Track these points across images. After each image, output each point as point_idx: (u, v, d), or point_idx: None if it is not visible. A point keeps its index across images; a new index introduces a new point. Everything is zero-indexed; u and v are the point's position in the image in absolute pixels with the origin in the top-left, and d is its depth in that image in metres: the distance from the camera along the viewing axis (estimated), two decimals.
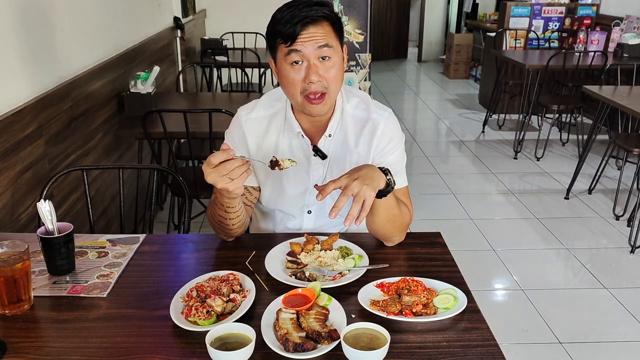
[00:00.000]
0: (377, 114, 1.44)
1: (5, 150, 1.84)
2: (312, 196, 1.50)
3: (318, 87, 1.29)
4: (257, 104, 1.47)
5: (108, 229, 2.77)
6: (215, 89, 4.61)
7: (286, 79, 1.31)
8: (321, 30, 1.27)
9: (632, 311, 2.63)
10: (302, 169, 1.45)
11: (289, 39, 1.26)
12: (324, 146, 1.44)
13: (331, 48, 1.29)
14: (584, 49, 5.09)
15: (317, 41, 1.26)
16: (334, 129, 1.43)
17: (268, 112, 1.46)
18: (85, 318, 1.14)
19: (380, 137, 1.43)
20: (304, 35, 1.26)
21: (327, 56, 1.29)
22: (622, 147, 3.48)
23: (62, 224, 1.29)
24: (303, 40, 1.26)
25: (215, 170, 1.16)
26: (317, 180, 1.47)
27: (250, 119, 1.45)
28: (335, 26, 1.31)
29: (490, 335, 1.09)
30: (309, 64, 1.28)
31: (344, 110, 1.45)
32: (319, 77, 1.28)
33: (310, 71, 1.28)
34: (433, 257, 1.39)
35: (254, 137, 1.45)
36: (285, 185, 1.48)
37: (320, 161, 1.45)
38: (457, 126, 5.81)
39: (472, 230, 3.44)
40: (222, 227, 1.38)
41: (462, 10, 9.24)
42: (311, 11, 1.25)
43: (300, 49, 1.26)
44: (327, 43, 1.28)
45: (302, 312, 1.10)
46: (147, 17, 3.78)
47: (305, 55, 1.27)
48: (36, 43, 2.14)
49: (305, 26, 1.25)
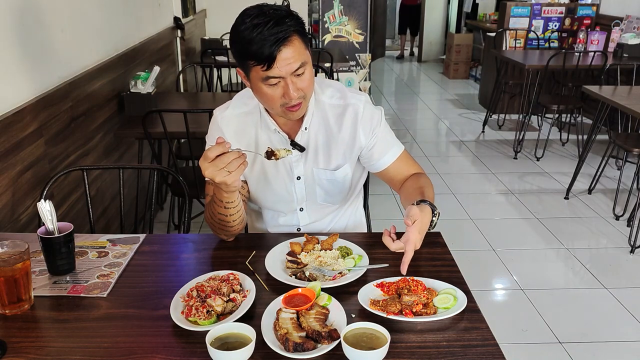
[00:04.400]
0: (355, 99, 1.48)
1: (5, 150, 1.84)
2: (300, 191, 1.53)
3: (297, 100, 1.31)
4: (230, 104, 1.51)
5: (108, 229, 2.77)
6: (215, 89, 4.60)
7: (265, 96, 1.32)
8: (294, 50, 1.25)
9: (632, 311, 2.63)
10: (286, 161, 1.49)
11: (264, 64, 1.24)
12: (301, 139, 1.47)
13: (305, 64, 1.29)
14: (584, 49, 5.09)
15: (293, 64, 1.26)
16: (309, 122, 1.46)
17: (242, 109, 1.48)
18: (86, 318, 1.14)
19: (363, 118, 1.47)
20: (280, 60, 1.24)
21: (302, 72, 1.29)
22: (622, 147, 3.48)
23: (62, 223, 1.29)
24: (280, 65, 1.25)
25: (212, 164, 1.17)
26: (299, 172, 1.50)
27: (226, 116, 1.48)
28: (304, 36, 1.29)
29: (490, 335, 1.09)
30: (286, 81, 1.28)
31: (320, 101, 1.47)
32: (297, 91, 1.30)
33: (288, 89, 1.28)
34: (433, 257, 1.39)
35: (232, 133, 1.46)
36: (269, 179, 1.51)
37: (299, 154, 1.48)
38: (457, 126, 5.81)
39: (472, 230, 3.44)
40: (223, 225, 1.38)
41: (462, 10, 9.24)
42: (281, 31, 1.22)
43: (278, 74, 1.26)
44: (302, 62, 1.27)
45: (302, 312, 1.10)
46: (147, 17, 3.78)
47: (282, 74, 1.27)
48: (36, 43, 2.14)
49: (278, 50, 1.23)
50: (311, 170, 1.50)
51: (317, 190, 1.53)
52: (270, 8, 1.26)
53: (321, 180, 1.51)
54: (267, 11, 1.25)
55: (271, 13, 1.24)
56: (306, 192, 1.53)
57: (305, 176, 1.51)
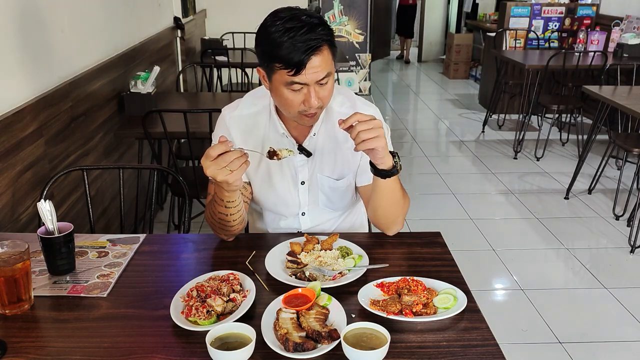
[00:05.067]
0: (363, 109, 1.46)
1: (5, 150, 1.84)
2: (303, 196, 1.51)
3: (315, 108, 1.30)
4: (240, 103, 1.49)
5: (108, 229, 2.77)
6: (215, 89, 4.60)
7: (284, 100, 1.30)
8: (323, 59, 1.25)
9: (632, 311, 2.63)
10: (291, 165, 1.48)
11: (292, 70, 1.23)
12: (309, 145, 1.47)
13: (330, 75, 1.29)
14: (583, 49, 5.09)
15: (320, 73, 1.25)
16: (318, 128, 1.46)
17: (251, 110, 1.47)
18: (86, 318, 1.14)
19: None
20: (309, 67, 1.23)
21: (326, 82, 1.29)
22: (622, 147, 3.48)
23: (62, 223, 1.29)
24: (307, 73, 1.23)
25: (214, 162, 1.17)
26: (304, 177, 1.49)
27: (234, 116, 1.47)
28: (333, 47, 1.29)
29: (490, 335, 1.09)
30: (309, 89, 1.27)
31: (330, 108, 1.46)
32: (318, 101, 1.29)
33: (310, 97, 1.27)
34: (433, 257, 1.39)
35: (239, 134, 1.46)
36: (274, 181, 1.50)
37: (305, 159, 1.48)
38: (457, 126, 5.81)
39: (472, 230, 3.44)
40: (223, 225, 1.38)
41: (462, 10, 9.24)
42: (312, 39, 1.21)
43: (304, 81, 1.25)
44: (328, 72, 1.27)
45: (302, 312, 1.10)
46: (147, 17, 3.78)
47: (307, 82, 1.26)
48: (36, 43, 2.14)
49: (309, 58, 1.22)
50: (315, 176, 1.50)
51: (320, 196, 1.53)
52: (303, 13, 1.25)
53: (324, 187, 1.51)
54: (300, 16, 1.23)
55: (304, 19, 1.23)
56: (309, 197, 1.52)
57: (310, 181, 1.50)
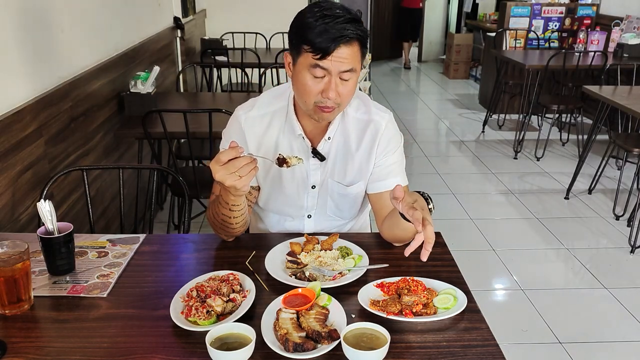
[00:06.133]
0: (378, 115, 1.46)
1: (5, 150, 1.84)
2: (311, 199, 1.51)
3: (332, 102, 1.30)
4: (256, 102, 1.47)
5: (108, 229, 2.77)
6: (215, 89, 4.61)
7: (303, 86, 1.30)
8: (351, 53, 1.25)
9: (632, 311, 2.63)
10: (302, 168, 1.47)
11: (319, 53, 1.23)
12: (323, 149, 1.45)
13: (354, 72, 1.29)
14: (584, 49, 5.09)
15: (345, 65, 1.25)
16: (334, 132, 1.44)
17: (268, 109, 1.45)
18: (85, 318, 1.14)
19: (381, 138, 1.45)
20: (335, 55, 1.23)
21: (349, 78, 1.29)
22: (622, 147, 3.48)
23: (62, 224, 1.29)
24: (333, 60, 1.24)
25: (224, 167, 1.16)
26: (315, 181, 1.48)
27: (250, 117, 1.44)
28: (363, 48, 1.29)
29: (490, 335, 1.09)
30: (330, 79, 1.27)
31: (346, 113, 1.45)
32: (336, 95, 1.28)
33: (329, 87, 1.27)
34: (433, 257, 1.37)
35: (254, 136, 1.44)
36: (284, 185, 1.49)
37: (318, 163, 1.46)
38: (457, 126, 5.81)
39: (472, 230, 3.44)
40: (225, 226, 1.38)
41: (462, 10, 9.23)
42: (346, 29, 1.22)
43: (328, 67, 1.25)
44: (352, 67, 1.27)
45: (302, 312, 1.10)
46: (147, 17, 3.78)
47: (329, 71, 1.26)
48: (36, 43, 2.14)
49: (338, 45, 1.22)
50: (326, 181, 1.49)
51: (329, 202, 1.52)
52: (343, 8, 1.26)
53: (333, 192, 1.50)
54: (340, 9, 1.25)
55: (343, 12, 1.24)
56: (318, 201, 1.52)
57: (320, 186, 1.49)
